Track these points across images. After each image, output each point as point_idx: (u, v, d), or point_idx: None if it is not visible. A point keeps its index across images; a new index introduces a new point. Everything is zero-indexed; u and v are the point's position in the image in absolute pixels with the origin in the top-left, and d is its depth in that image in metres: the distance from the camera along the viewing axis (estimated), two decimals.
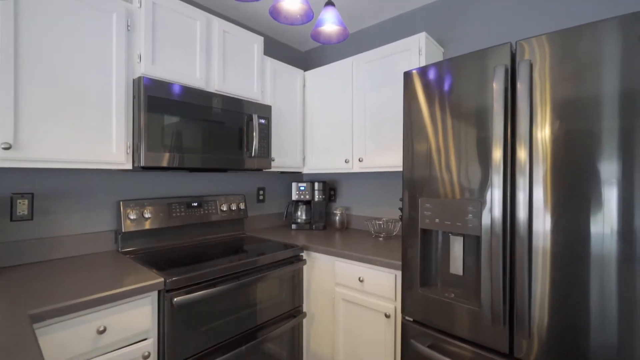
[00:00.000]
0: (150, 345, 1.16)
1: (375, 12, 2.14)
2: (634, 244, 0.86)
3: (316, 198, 2.32)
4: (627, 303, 0.87)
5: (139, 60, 1.43)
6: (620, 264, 0.88)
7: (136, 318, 1.13)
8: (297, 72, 2.24)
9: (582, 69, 0.94)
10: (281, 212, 2.56)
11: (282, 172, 2.53)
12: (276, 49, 2.54)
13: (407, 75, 1.34)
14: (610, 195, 0.89)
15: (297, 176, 2.70)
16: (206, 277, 1.31)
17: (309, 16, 1.10)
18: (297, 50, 2.74)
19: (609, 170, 0.89)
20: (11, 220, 1.34)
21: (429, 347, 1.22)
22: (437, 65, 1.25)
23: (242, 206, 2.10)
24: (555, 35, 0.99)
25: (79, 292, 1.03)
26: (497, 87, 1.07)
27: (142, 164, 1.38)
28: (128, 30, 1.40)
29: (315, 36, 1.30)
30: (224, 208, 1.99)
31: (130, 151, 1.41)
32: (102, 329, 1.03)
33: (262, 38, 1.97)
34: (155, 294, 1.19)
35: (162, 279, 1.19)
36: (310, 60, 2.76)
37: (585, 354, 0.92)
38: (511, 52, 1.08)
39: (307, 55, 2.78)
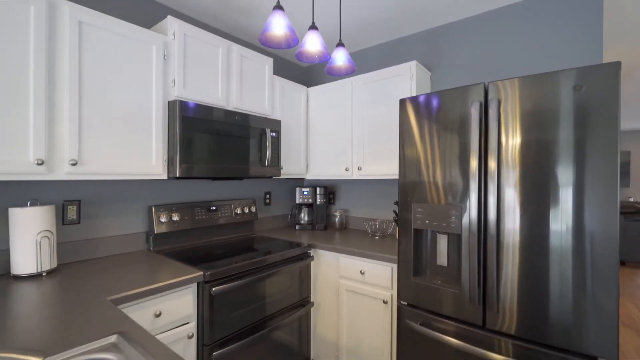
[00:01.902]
0: (192, 327, 1.40)
1: (372, 37, 2.42)
2: (583, 239, 1.16)
3: (318, 201, 2.58)
4: (578, 286, 1.17)
5: (173, 85, 1.65)
6: (574, 255, 1.18)
7: (182, 304, 1.36)
8: (301, 89, 2.50)
9: (537, 99, 1.24)
10: (285, 214, 2.80)
11: (286, 178, 2.78)
12: (279, 65, 2.78)
13: (403, 102, 1.62)
14: (566, 199, 1.18)
15: (299, 182, 2.96)
16: (235, 270, 1.55)
17: (326, 57, 1.36)
18: (299, 65, 2.99)
19: (563, 180, 1.20)
20: (63, 224, 1.54)
21: (421, 324, 1.51)
22: (427, 95, 1.53)
23: (253, 209, 2.34)
24: (517, 80, 1.29)
25: (138, 283, 1.26)
26: (474, 116, 1.36)
27: (177, 174, 1.60)
28: (164, 59, 1.62)
29: (329, 71, 1.56)
30: (238, 211, 2.23)
31: (166, 163, 1.64)
32: (158, 313, 1.26)
33: (272, 59, 2.21)
34: (195, 285, 1.43)
35: (202, 272, 1.42)
36: (310, 75, 3.02)
37: (540, 325, 1.22)
38: (484, 89, 1.37)
39: (307, 71, 3.04)
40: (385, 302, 1.75)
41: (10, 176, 1.16)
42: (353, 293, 1.90)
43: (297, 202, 2.59)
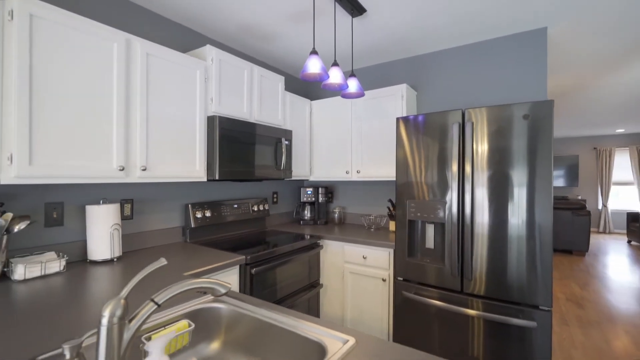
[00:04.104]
0: None
1: (368, 59, 2.84)
2: (533, 228, 1.62)
3: (320, 200, 2.97)
4: (528, 262, 1.64)
5: (211, 102, 1.98)
6: (527, 243, 1.64)
7: (230, 281, 1.70)
8: (305, 102, 2.87)
9: (499, 123, 1.70)
10: (289, 211, 3.16)
11: (290, 180, 3.14)
12: (284, 79, 3.14)
13: (398, 120, 2.04)
14: (519, 198, 1.65)
15: (301, 182, 3.33)
16: (267, 255, 1.91)
17: (343, 87, 1.76)
18: (298, 79, 3.35)
19: (515, 181, 1.66)
20: (121, 219, 1.82)
21: (414, 294, 1.94)
22: (419, 115, 1.96)
23: (266, 207, 2.69)
24: (486, 109, 1.74)
25: (198, 264, 1.59)
26: (455, 133, 1.81)
27: (217, 177, 1.93)
28: (205, 81, 1.95)
29: (344, 95, 1.96)
30: (255, 208, 2.57)
31: (205, 168, 1.96)
32: None
33: (283, 77, 2.57)
34: (238, 266, 1.77)
35: (244, 256, 1.77)
36: (310, 88, 3.39)
37: (501, 287, 1.68)
38: (462, 114, 1.83)
39: (307, 84, 3.41)
40: (384, 280, 2.17)
41: (100, 179, 1.45)
42: (356, 275, 2.31)
43: (302, 200, 2.96)
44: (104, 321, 0.62)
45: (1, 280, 1.31)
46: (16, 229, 1.32)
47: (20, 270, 1.31)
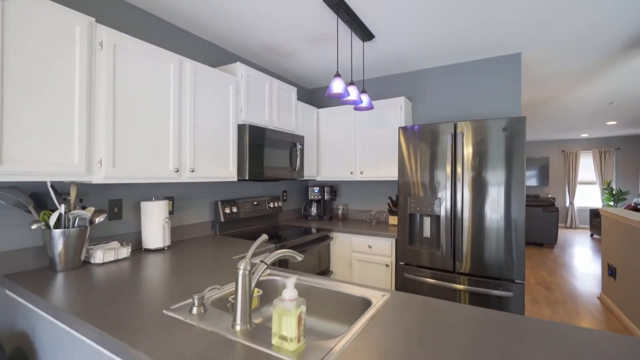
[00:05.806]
0: None
1: (369, 72, 3.21)
2: (510, 221, 2.02)
3: (325, 197, 3.30)
4: (505, 246, 2.04)
5: (240, 112, 2.27)
6: (505, 231, 2.04)
7: None
8: (313, 110, 3.20)
9: (484, 134, 2.10)
10: (296, 208, 3.48)
11: (297, 179, 3.45)
12: None
13: (400, 129, 2.41)
14: (499, 195, 2.05)
15: (306, 182, 3.65)
16: (290, 245, 2.23)
17: (357, 102, 2.10)
18: (305, 88, 3.68)
19: (495, 182, 2.06)
20: None
21: (413, 275, 2.32)
22: (418, 125, 2.34)
23: (279, 204, 3.00)
24: (473, 122, 2.14)
25: (240, 251, 1.88)
26: (448, 140, 2.19)
27: (247, 177, 2.23)
28: (236, 94, 2.24)
29: (357, 108, 2.30)
30: (271, 205, 2.87)
31: (236, 170, 2.25)
32: None
33: (296, 89, 2.89)
34: (268, 253, 2.07)
35: (274, 245, 2.08)
36: (314, 96, 3.72)
37: (484, 266, 2.08)
38: (454, 125, 2.21)
39: (311, 92, 3.74)
40: (387, 266, 2.54)
41: (161, 179, 1.73)
42: (362, 262, 2.66)
43: (309, 198, 3.29)
44: (240, 272, 0.93)
45: (84, 264, 1.57)
46: (97, 220, 1.58)
47: (100, 256, 1.57)
